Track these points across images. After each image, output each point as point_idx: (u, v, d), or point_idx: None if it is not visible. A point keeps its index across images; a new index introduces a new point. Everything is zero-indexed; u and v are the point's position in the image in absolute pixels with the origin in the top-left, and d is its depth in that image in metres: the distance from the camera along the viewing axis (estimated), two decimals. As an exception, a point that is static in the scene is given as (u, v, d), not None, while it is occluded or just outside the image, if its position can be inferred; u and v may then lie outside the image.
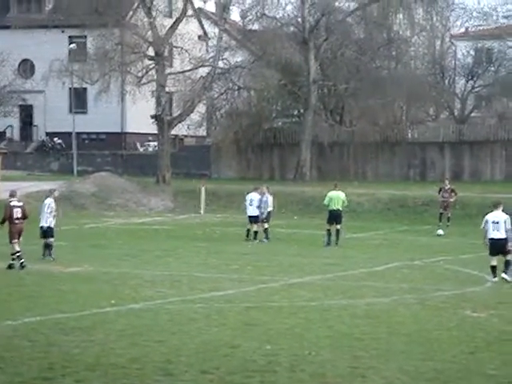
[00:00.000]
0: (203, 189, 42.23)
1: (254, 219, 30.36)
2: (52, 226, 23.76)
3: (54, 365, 11.67)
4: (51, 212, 23.74)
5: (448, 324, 14.94)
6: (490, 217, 20.65)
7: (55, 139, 58.55)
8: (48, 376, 11.14)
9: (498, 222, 20.43)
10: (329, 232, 28.49)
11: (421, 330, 14.41)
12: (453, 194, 36.41)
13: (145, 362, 11.85)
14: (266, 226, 30.17)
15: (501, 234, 20.36)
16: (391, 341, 13.48)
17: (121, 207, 42.55)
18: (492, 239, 20.49)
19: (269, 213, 30.33)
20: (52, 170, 56.10)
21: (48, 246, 23.69)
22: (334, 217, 28.60)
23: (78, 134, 54.29)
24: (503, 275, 20.35)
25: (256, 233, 30.09)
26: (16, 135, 61.38)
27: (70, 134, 52.52)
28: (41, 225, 23.78)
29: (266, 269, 22.41)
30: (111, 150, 56.91)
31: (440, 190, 36.74)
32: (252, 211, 30.44)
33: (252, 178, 47.70)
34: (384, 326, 14.64)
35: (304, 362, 12.01)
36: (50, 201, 23.96)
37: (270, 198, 30.71)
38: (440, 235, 32.54)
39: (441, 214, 36.27)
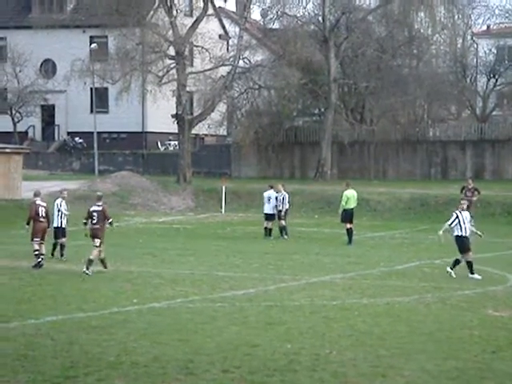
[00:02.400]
0: (224, 188, 42.29)
1: (268, 217, 30.59)
2: (64, 226, 23.80)
3: (75, 363, 11.74)
4: (60, 212, 23.75)
5: (469, 323, 14.89)
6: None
7: (76, 139, 58.83)
8: (70, 374, 11.21)
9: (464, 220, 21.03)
10: (349, 230, 28.55)
11: (442, 329, 14.37)
12: (476, 192, 36.23)
13: (166, 361, 11.89)
14: (284, 223, 30.34)
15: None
16: (412, 340, 13.45)
17: (142, 206, 42.69)
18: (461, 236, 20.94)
19: (286, 210, 30.54)
20: (73, 169, 56.37)
21: (60, 247, 23.72)
22: (350, 215, 28.68)
23: (99, 133, 54.48)
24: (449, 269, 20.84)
25: (271, 230, 30.37)
26: (38, 135, 61.72)
27: (91, 133, 52.73)
28: (53, 225, 23.79)
29: (286, 268, 22.41)
30: (132, 149, 57.10)
31: (463, 189, 36.59)
32: (267, 209, 30.69)
33: (272, 177, 47.70)
34: (405, 325, 14.61)
35: (325, 361, 12.00)
36: (59, 201, 24.02)
37: (286, 196, 30.90)
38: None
39: None
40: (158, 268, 22.09)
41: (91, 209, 21.70)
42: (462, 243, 20.88)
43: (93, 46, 53.73)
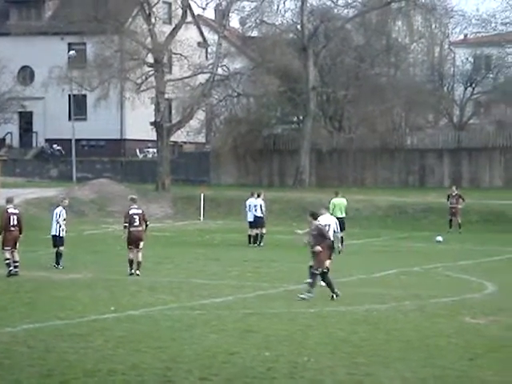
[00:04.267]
0: (202, 195, 42.25)
1: (251, 224, 30.72)
2: (62, 234, 23.64)
3: (52, 371, 11.67)
4: (59, 221, 23.59)
5: (447, 331, 14.95)
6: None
7: (54, 146, 58.58)
8: (47, 382, 11.15)
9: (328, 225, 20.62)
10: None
11: (419, 336, 14.41)
12: (460, 199, 36.57)
13: (144, 369, 11.85)
14: (264, 230, 30.54)
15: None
16: (390, 347, 13.48)
17: (120, 214, 42.36)
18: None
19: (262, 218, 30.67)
20: (51, 176, 56.10)
21: (57, 255, 23.56)
22: (339, 224, 28.54)
23: (78, 140, 54.32)
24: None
25: (255, 237, 30.52)
26: (15, 142, 61.41)
27: (69, 140, 52.55)
28: (52, 233, 23.67)
29: (265, 275, 22.41)
30: (110, 156, 56.94)
31: (448, 197, 36.89)
32: (250, 216, 30.78)
33: (251, 185, 47.69)
34: (382, 333, 14.64)
35: (303, 368, 12.01)
36: (60, 209, 23.82)
37: (262, 204, 30.98)
38: (439, 242, 32.55)
39: (450, 220, 36.47)
40: (136, 275, 21.99)
41: (130, 212, 21.81)
42: None
43: (71, 53, 53.61)
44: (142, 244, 21.94)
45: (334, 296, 18.15)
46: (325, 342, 13.85)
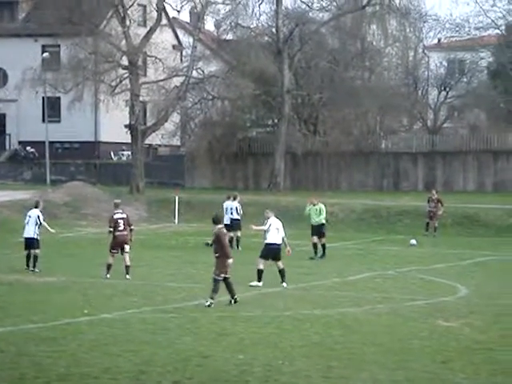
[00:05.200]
0: (177, 198, 42.17)
1: (228, 226, 30.66)
2: (38, 237, 23.51)
3: (25, 375, 11.59)
4: (37, 223, 23.48)
5: (420, 333, 15.01)
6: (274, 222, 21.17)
7: (28, 148, 58.20)
8: (19, 386, 11.07)
9: (278, 228, 21.14)
10: (314, 245, 28.15)
11: (393, 339, 14.46)
12: (439, 204, 36.74)
13: (117, 372, 11.80)
14: (239, 233, 30.51)
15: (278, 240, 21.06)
16: (364, 350, 13.52)
17: (94, 216, 42.32)
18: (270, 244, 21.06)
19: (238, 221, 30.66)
20: (25, 179, 55.74)
21: (34, 258, 23.39)
22: (312, 230, 28.41)
23: (52, 143, 54.02)
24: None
25: (230, 240, 30.53)
26: (-12, 144, 60.97)
27: (43, 143, 52.21)
28: (27, 236, 23.49)
29: (239, 278, 22.38)
30: (84, 159, 56.69)
31: (428, 200, 37.09)
32: (226, 219, 30.75)
33: (226, 188, 47.62)
34: (357, 336, 14.68)
35: (277, 371, 12.01)
36: (38, 212, 23.71)
37: (238, 206, 31.04)
38: (413, 245, 32.69)
39: (427, 223, 36.64)
40: (110, 278, 21.91)
41: (115, 216, 21.91)
42: None
43: (45, 55, 53.29)
44: (127, 247, 22.09)
45: (233, 302, 17.86)
46: (299, 345, 13.86)
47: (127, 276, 21.88)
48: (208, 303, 17.49)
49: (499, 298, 19.50)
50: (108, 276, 21.85)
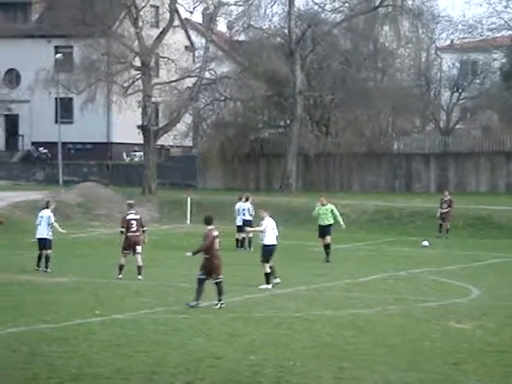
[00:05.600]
0: (189, 199, 42.20)
1: (240, 228, 30.84)
2: (51, 238, 23.58)
3: (37, 375, 11.62)
4: (50, 224, 23.57)
5: (432, 335, 14.97)
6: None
7: (41, 149, 58.39)
8: (31, 386, 11.10)
9: (273, 228, 20.85)
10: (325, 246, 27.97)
11: (405, 340, 14.44)
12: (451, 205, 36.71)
13: (129, 373, 11.81)
14: (251, 234, 30.58)
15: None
16: (375, 351, 13.50)
17: (106, 217, 42.41)
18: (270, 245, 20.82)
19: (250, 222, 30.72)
20: (37, 179, 55.92)
21: (46, 258, 23.49)
22: (320, 231, 28.33)
23: (64, 143, 54.18)
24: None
25: (242, 240, 30.68)
26: (1, 145, 61.19)
27: (55, 143, 52.37)
28: (40, 236, 23.56)
29: (251, 279, 22.39)
30: (97, 160, 56.81)
31: (441, 202, 37.03)
32: (239, 220, 30.93)
33: (238, 189, 47.64)
34: (368, 337, 14.66)
35: (289, 372, 12.00)
36: (49, 213, 23.80)
37: (251, 207, 31.13)
38: (425, 246, 32.62)
39: (440, 225, 36.58)
40: (122, 279, 21.95)
41: (128, 217, 21.97)
42: None
43: (58, 55, 53.46)
44: (139, 248, 22.14)
45: (196, 304, 17.41)
46: (311, 346, 13.85)
47: (139, 276, 21.93)
48: (194, 304, 17.19)
49: (512, 300, 19.43)
50: (120, 276, 21.91)
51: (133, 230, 21.95)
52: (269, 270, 20.86)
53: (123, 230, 22.02)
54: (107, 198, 44.64)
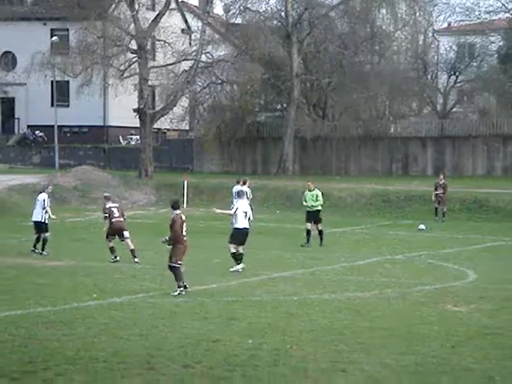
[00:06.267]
0: (186, 182, 42.18)
1: None
2: (47, 221, 23.71)
3: (34, 358, 11.62)
4: (44, 208, 23.71)
5: (429, 318, 15.00)
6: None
7: (37, 132, 58.24)
8: (28, 369, 11.10)
9: (246, 212, 20.96)
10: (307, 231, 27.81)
11: (402, 324, 14.46)
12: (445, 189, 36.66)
13: (126, 356, 11.82)
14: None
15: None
16: (372, 335, 13.52)
17: (102, 201, 42.40)
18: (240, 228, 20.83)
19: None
20: (34, 163, 55.82)
21: (43, 241, 23.57)
22: (307, 215, 27.95)
23: (60, 127, 53.99)
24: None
25: None
26: (-3, 128, 61.03)
27: (51, 127, 52.22)
28: (36, 219, 23.70)
29: (248, 263, 22.39)
30: (93, 143, 56.70)
31: (436, 185, 36.99)
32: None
33: (235, 173, 47.66)
34: (365, 320, 14.68)
35: (286, 356, 12.02)
36: (45, 196, 23.97)
37: (248, 191, 30.93)
38: (422, 230, 32.65)
39: (436, 208, 36.58)
40: (118, 263, 21.96)
41: (107, 206, 22.35)
42: None
43: (54, 38, 53.20)
44: (126, 233, 22.34)
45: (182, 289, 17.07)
46: (308, 329, 13.86)
47: (135, 259, 21.96)
48: (177, 292, 16.94)
49: (508, 283, 19.45)
50: (117, 258, 21.95)
51: (116, 216, 22.28)
52: (234, 250, 20.70)
53: (106, 215, 22.40)
54: (104, 181, 44.60)
